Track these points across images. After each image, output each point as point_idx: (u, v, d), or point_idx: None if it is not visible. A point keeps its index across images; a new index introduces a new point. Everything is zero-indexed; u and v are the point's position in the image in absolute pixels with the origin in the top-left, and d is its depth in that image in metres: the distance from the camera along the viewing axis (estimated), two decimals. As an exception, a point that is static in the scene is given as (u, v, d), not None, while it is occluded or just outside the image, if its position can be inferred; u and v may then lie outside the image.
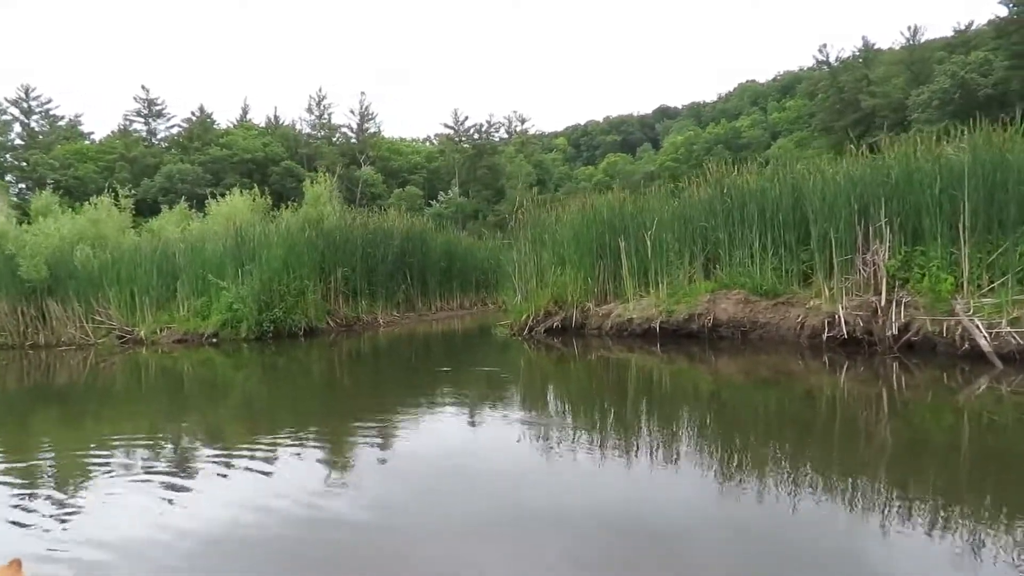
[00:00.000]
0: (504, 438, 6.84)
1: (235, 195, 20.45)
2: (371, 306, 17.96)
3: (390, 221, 19.08)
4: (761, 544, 4.02)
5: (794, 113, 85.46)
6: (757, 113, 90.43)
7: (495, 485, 5.38)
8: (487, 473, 5.74)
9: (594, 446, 6.38)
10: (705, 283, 12.78)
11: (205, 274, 16.87)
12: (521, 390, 9.92)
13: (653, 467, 5.64)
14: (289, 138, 76.17)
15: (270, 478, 5.76)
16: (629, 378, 10.75)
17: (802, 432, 6.97)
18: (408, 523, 4.50)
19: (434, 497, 5.00)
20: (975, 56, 56.71)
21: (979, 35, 65.28)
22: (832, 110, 72.00)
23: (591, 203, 14.80)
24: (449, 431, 7.37)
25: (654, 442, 6.61)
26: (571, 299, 14.19)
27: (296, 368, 14.03)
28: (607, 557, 3.93)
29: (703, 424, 7.57)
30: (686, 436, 6.86)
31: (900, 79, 66.95)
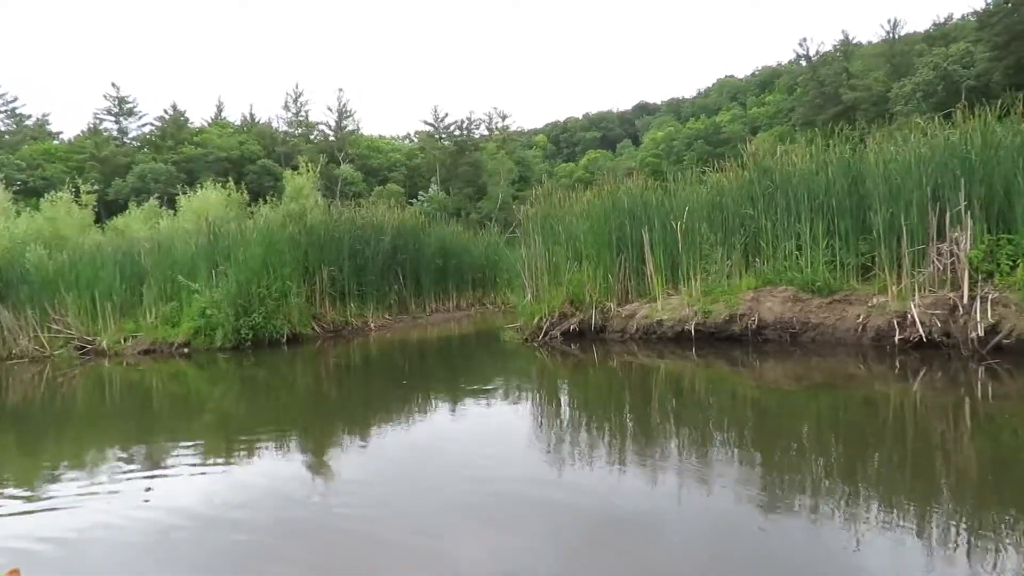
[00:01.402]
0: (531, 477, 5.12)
1: (208, 188, 18.44)
2: (361, 309, 16.10)
3: (380, 215, 17.22)
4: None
5: (773, 108, 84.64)
6: (736, 108, 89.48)
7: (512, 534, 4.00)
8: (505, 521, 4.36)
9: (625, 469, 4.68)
10: (747, 279, 11.12)
11: (174, 276, 14.92)
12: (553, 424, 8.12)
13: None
14: (266, 136, 73.76)
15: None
16: (664, 388, 9.07)
17: (864, 447, 5.82)
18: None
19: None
20: (956, 48, 56.10)
21: (958, 28, 64.78)
22: (813, 104, 71.16)
23: (609, 190, 13.08)
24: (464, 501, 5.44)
25: (689, 461, 5.61)
26: (589, 298, 12.46)
27: (278, 383, 12.18)
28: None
29: (745, 437, 6.40)
30: (726, 452, 5.88)
31: (880, 72, 66.27)
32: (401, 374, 11.61)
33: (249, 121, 77.15)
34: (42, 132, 73.76)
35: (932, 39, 64.71)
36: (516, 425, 7.49)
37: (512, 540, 4.17)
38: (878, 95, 63.48)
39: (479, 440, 6.88)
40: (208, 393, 11.86)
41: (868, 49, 69.85)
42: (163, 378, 13.19)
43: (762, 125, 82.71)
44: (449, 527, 4.46)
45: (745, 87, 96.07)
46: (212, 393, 11.89)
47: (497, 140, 78.74)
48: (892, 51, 65.47)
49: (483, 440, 6.87)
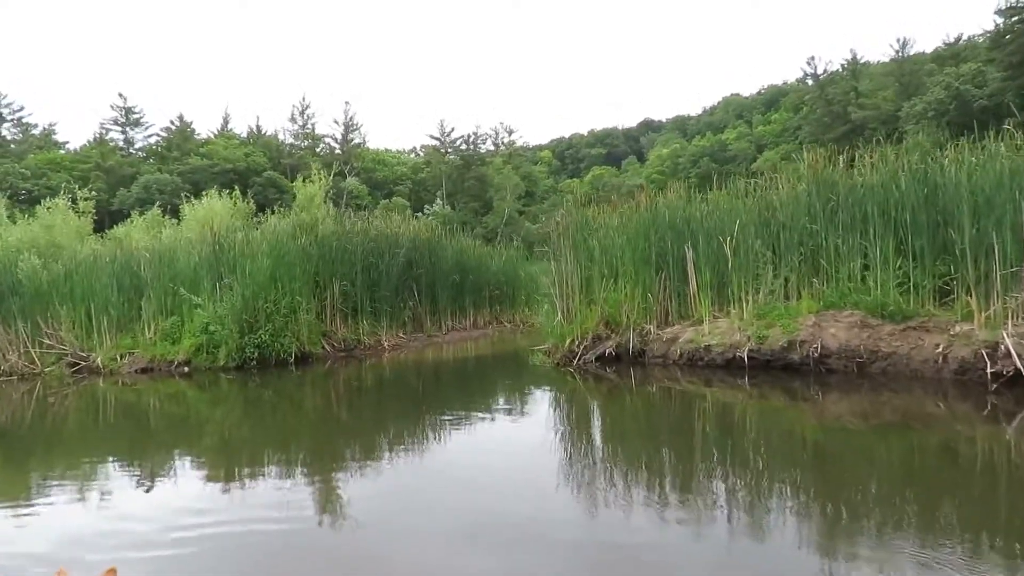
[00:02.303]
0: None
1: (212, 197, 17.32)
2: (374, 327, 14.94)
3: (394, 226, 16.09)
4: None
5: (779, 126, 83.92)
6: (742, 126, 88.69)
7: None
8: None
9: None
10: (806, 301, 9.97)
11: (176, 289, 13.78)
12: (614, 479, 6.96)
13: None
14: (272, 148, 72.95)
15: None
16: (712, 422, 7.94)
17: (944, 504, 4.94)
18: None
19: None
20: (968, 68, 55.31)
21: (968, 48, 64.01)
22: (820, 123, 70.41)
23: (647, 201, 11.97)
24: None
25: (736, 511, 4.87)
26: (626, 320, 11.31)
27: (284, 407, 11.04)
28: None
29: (803, 484, 5.53)
30: (779, 502, 5.08)
31: (889, 91, 65.52)
32: (419, 401, 10.46)
33: (255, 133, 76.36)
34: (48, 141, 72.97)
35: (942, 59, 63.91)
36: (546, 461, 6.49)
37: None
38: (887, 114, 62.65)
39: (502, 477, 6.09)
40: (209, 416, 10.72)
41: (876, 68, 69.15)
42: (161, 399, 12.08)
43: (768, 143, 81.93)
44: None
45: (751, 105, 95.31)
46: (213, 416, 10.78)
47: (503, 155, 77.96)
48: (901, 70, 64.69)
49: (507, 476, 6.08)
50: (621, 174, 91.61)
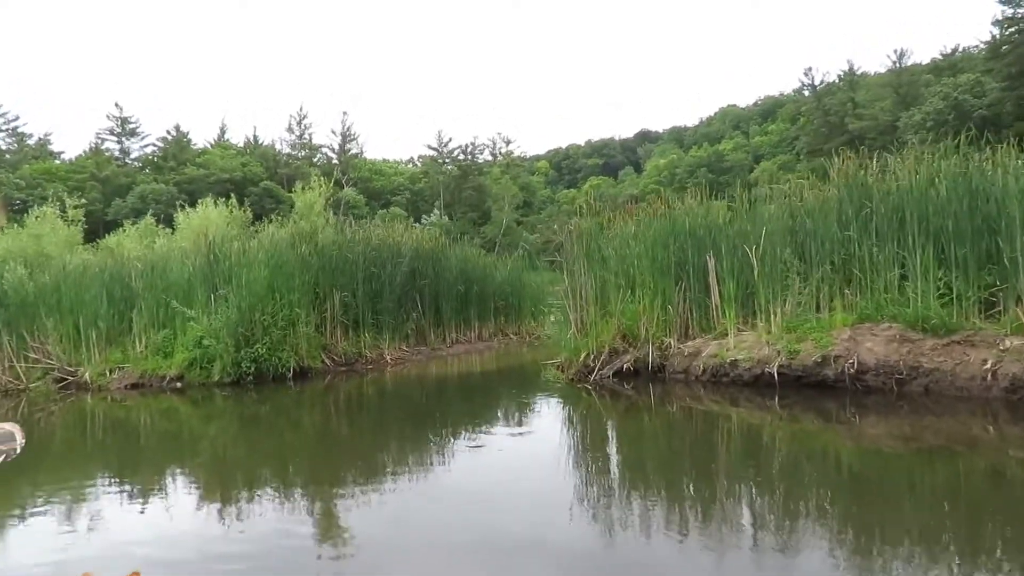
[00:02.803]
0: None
1: (208, 205, 16.63)
2: (376, 340, 14.23)
3: (397, 235, 15.42)
4: None
5: (776, 137, 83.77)
6: (739, 136, 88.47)
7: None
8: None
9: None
10: (840, 314, 9.32)
11: (168, 301, 13.06)
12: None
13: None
14: (269, 158, 72.36)
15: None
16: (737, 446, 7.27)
17: (994, 534, 4.47)
18: None
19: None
20: (966, 78, 55.10)
21: (965, 59, 63.91)
22: (818, 133, 70.16)
23: (665, 208, 11.34)
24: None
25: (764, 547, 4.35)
26: (645, 333, 10.65)
27: (283, 424, 10.34)
28: None
29: (838, 516, 5.00)
30: (811, 536, 4.54)
31: (887, 102, 65.29)
32: (424, 419, 9.76)
33: (252, 143, 75.81)
34: (43, 151, 72.22)
35: (939, 69, 63.77)
36: (559, 488, 5.93)
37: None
38: (885, 125, 62.39)
39: (513, 504, 5.54)
40: (202, 434, 10.01)
41: (873, 79, 69.00)
42: (152, 416, 11.37)
43: (765, 154, 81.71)
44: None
45: (748, 116, 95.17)
46: (207, 434, 10.07)
47: (501, 165, 77.47)
48: (899, 81, 64.47)
49: (518, 503, 5.52)
50: (618, 184, 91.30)
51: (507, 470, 6.59)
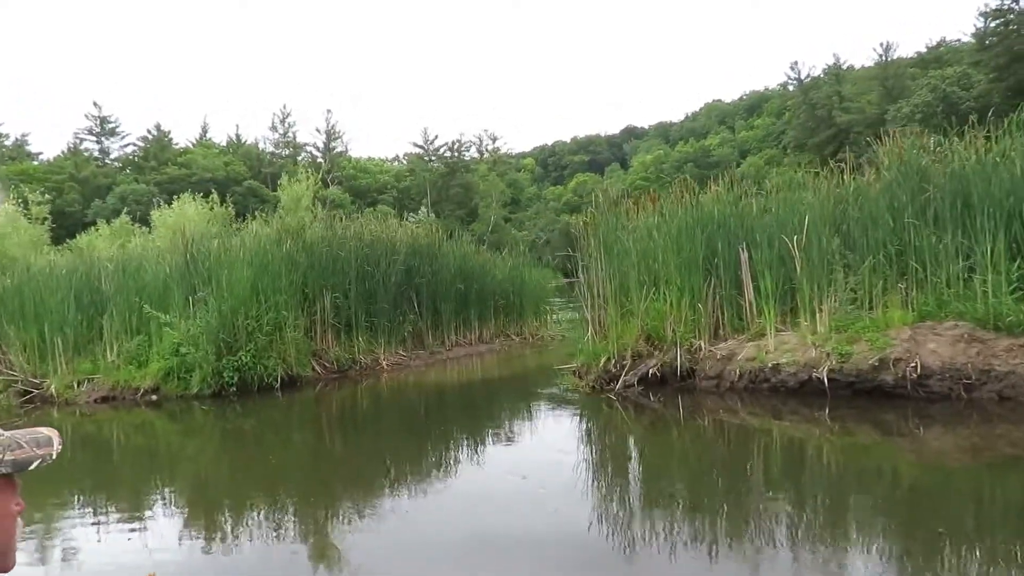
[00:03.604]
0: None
1: (186, 202, 15.31)
2: (370, 344, 13.00)
3: (391, 229, 14.19)
4: None
5: (762, 131, 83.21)
6: (725, 132, 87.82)
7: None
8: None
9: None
10: (896, 311, 8.25)
11: (142, 305, 11.79)
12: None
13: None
14: (252, 157, 70.79)
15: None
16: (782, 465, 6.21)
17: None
18: None
19: None
20: (953, 70, 54.64)
21: (950, 51, 63.51)
22: (805, 127, 69.60)
23: (691, 196, 10.24)
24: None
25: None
26: (672, 335, 9.54)
27: (270, 439, 9.18)
28: None
29: (911, 549, 4.22)
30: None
31: (873, 95, 64.80)
32: (426, 434, 8.62)
33: (235, 142, 74.12)
34: (21, 152, 70.14)
35: (925, 63, 63.31)
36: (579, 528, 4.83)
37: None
38: (872, 117, 61.79)
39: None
40: (180, 452, 8.82)
41: (859, 73, 68.50)
42: (125, 432, 10.23)
43: (752, 149, 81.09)
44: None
45: (733, 111, 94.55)
46: (185, 452, 8.90)
47: (488, 162, 76.29)
48: (885, 74, 63.96)
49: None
50: (604, 181, 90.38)
51: (529, 508, 5.45)
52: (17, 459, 1.11)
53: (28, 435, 1.15)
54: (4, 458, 1.10)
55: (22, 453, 1.12)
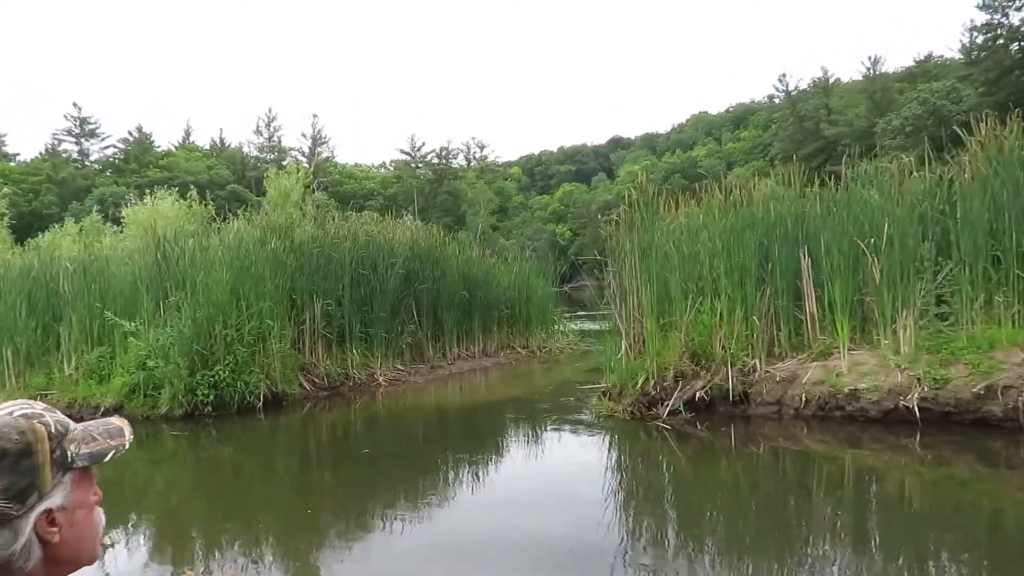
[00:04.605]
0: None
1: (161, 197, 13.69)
2: (365, 357, 11.45)
3: (389, 230, 12.67)
4: None
5: (749, 143, 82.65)
6: (711, 143, 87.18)
7: None
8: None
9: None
10: (1009, 330, 6.89)
11: (104, 311, 10.20)
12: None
13: None
14: (236, 161, 68.89)
15: None
16: (876, 514, 4.80)
17: None
18: None
19: None
20: (942, 84, 54.20)
21: (938, 66, 63.22)
22: (792, 139, 68.95)
23: (742, 195, 8.86)
24: None
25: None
26: (721, 352, 8.13)
27: (250, 471, 7.61)
28: None
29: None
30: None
31: (861, 108, 64.35)
32: (431, 466, 7.13)
33: (218, 145, 72.11)
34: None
35: (913, 77, 62.95)
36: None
37: None
38: (861, 130, 61.26)
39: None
40: (146, 485, 7.23)
41: (848, 86, 68.13)
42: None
43: (738, 161, 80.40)
44: None
45: (720, 123, 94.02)
46: (152, 485, 7.34)
47: (476, 169, 74.94)
48: (873, 87, 63.55)
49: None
50: (591, 190, 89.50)
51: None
52: (93, 451, 1.14)
53: (101, 426, 1.19)
54: (80, 451, 1.13)
55: (97, 445, 1.15)
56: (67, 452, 1.10)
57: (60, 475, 1.09)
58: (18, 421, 1.06)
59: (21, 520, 1.04)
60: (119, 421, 1.22)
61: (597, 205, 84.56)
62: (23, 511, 1.04)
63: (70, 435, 1.12)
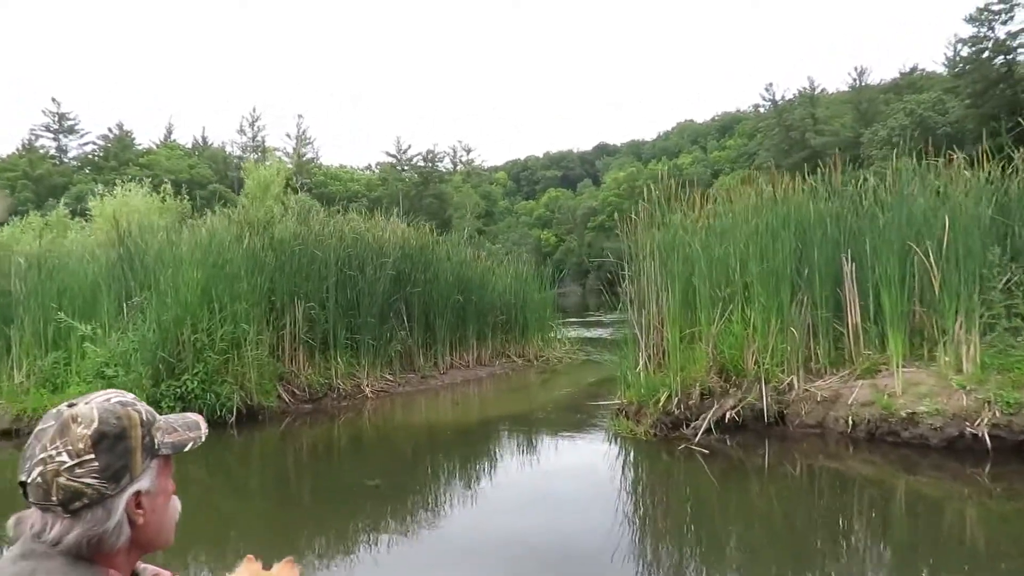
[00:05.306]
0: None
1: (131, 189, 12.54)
2: (351, 366, 10.38)
3: (378, 228, 11.61)
4: None
5: (734, 152, 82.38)
6: (697, 151, 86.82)
7: None
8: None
9: None
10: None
11: (59, 312, 9.06)
12: None
13: None
14: (218, 160, 67.29)
15: None
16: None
17: None
18: None
19: None
20: (927, 96, 54.17)
21: (923, 78, 63.21)
22: (779, 149, 68.59)
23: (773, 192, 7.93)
24: None
25: None
26: (754, 368, 7.18)
27: (218, 495, 6.53)
28: None
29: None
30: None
31: (847, 118, 64.24)
32: (432, 497, 6.08)
33: (201, 144, 70.48)
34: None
35: (899, 88, 62.97)
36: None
37: None
38: (847, 140, 61.06)
39: None
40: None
41: (834, 96, 68.05)
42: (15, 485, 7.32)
43: (723, 169, 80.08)
44: None
45: (705, 131, 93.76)
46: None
47: (462, 173, 73.94)
48: (859, 97, 63.42)
49: None
50: (577, 196, 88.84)
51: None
52: (175, 441, 1.20)
53: (180, 420, 1.24)
54: (165, 440, 1.18)
55: (178, 436, 1.21)
56: (155, 439, 1.17)
57: (148, 460, 1.16)
58: (115, 407, 1.15)
59: (115, 499, 1.11)
60: (196, 416, 1.26)
61: (582, 211, 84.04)
62: (117, 491, 1.11)
63: (157, 424, 1.18)
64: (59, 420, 1.10)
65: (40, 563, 1.06)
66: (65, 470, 1.07)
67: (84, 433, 1.08)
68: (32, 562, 1.07)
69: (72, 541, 1.08)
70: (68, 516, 1.08)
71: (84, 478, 1.07)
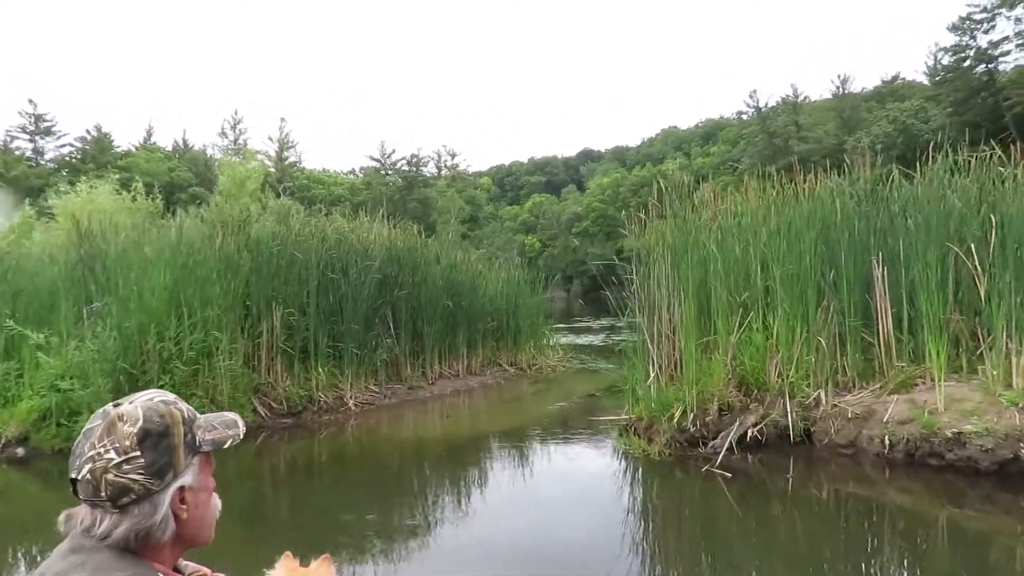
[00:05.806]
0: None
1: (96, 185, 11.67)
2: (334, 377, 9.59)
3: (363, 229, 10.84)
4: None
5: (718, 158, 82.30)
6: (681, 158, 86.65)
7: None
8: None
9: None
10: None
11: (8, 319, 8.20)
12: None
13: None
14: (199, 163, 65.88)
15: None
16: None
17: None
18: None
19: None
20: (910, 104, 54.33)
21: (906, 86, 63.49)
22: (762, 155, 68.47)
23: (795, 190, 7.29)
24: None
25: None
26: (777, 380, 6.52)
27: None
28: None
29: None
30: None
31: (830, 125, 64.34)
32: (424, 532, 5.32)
33: (181, 147, 69.08)
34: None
35: (881, 96, 63.20)
36: None
37: None
38: (830, 148, 61.10)
39: None
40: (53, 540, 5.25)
41: (817, 104, 68.17)
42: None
43: (707, 175, 79.96)
44: None
45: (689, 138, 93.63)
46: (49, 539, 5.25)
47: (446, 178, 73.16)
48: (842, 105, 63.60)
49: None
50: (561, 202, 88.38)
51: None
52: (215, 438, 1.20)
53: (218, 418, 1.25)
54: (205, 437, 1.19)
55: (218, 434, 1.21)
56: (196, 436, 1.18)
57: (190, 457, 1.17)
58: (159, 405, 1.17)
59: (161, 495, 1.12)
60: (233, 414, 1.27)
61: (567, 216, 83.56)
62: (162, 487, 1.12)
63: (197, 422, 1.20)
64: (106, 419, 1.12)
65: (89, 557, 1.07)
66: (113, 467, 1.08)
67: (130, 431, 1.10)
68: (82, 556, 1.07)
69: (121, 535, 1.08)
70: (116, 511, 1.08)
71: (131, 474, 1.08)
